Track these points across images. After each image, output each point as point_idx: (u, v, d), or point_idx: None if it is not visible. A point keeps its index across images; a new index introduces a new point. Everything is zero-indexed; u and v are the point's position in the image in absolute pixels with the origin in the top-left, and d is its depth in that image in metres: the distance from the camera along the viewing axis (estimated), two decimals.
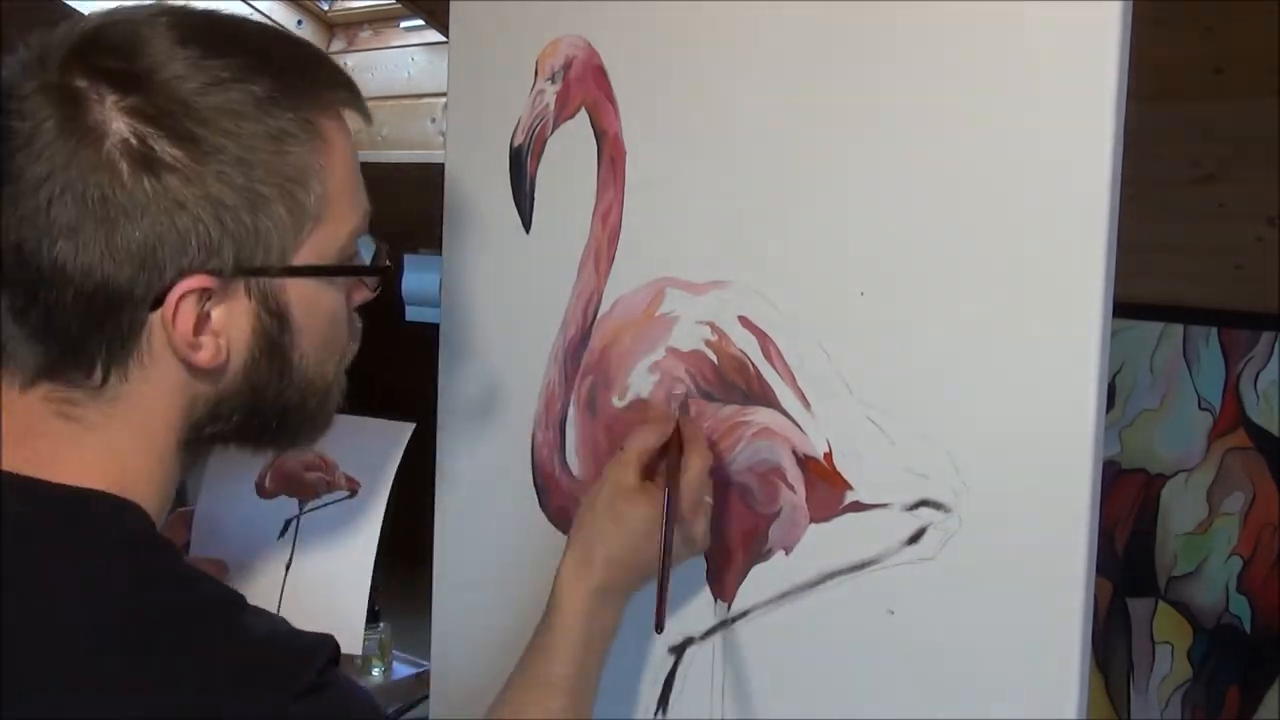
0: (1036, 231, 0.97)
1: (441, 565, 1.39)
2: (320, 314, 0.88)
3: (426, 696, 1.44)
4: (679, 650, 1.20)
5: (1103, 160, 0.93)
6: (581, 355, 1.24)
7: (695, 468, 1.07)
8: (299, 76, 0.83)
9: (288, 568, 1.11)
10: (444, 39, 2.36)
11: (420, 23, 2.67)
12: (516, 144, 1.28)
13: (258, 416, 0.88)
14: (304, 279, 0.85)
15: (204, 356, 0.82)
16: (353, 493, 1.14)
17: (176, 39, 0.79)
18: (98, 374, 0.82)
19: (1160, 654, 1.79)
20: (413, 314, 3.05)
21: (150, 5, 0.82)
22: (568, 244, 1.24)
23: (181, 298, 0.80)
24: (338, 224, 0.86)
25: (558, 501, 1.27)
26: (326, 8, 2.92)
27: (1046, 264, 0.97)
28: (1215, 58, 1.48)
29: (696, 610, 1.18)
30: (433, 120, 2.76)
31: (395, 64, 2.84)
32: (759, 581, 1.14)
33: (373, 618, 2.10)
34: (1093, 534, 0.96)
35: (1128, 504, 1.81)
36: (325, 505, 1.14)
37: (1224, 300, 1.70)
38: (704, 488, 1.08)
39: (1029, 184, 0.97)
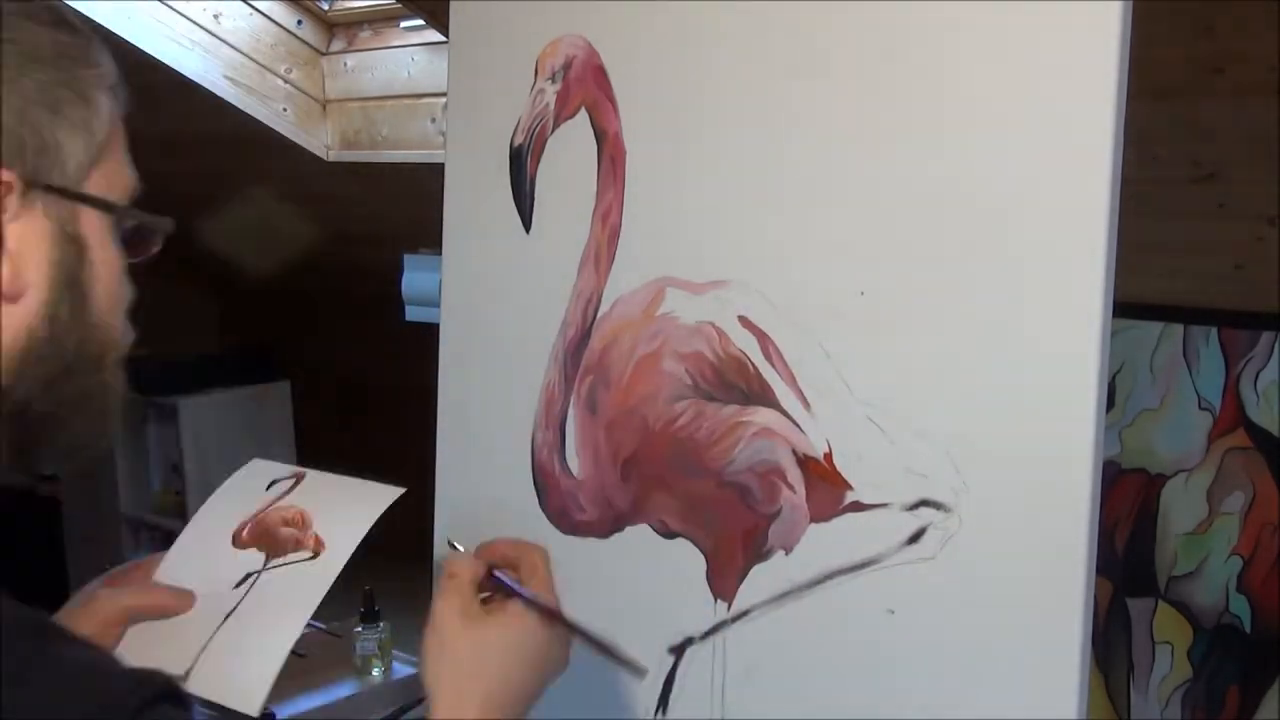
0: (1037, 232, 0.97)
1: (440, 566, 1.38)
2: (109, 259, 0.82)
3: (426, 696, 1.44)
4: (679, 650, 1.20)
5: (1103, 160, 0.93)
6: (582, 355, 1.24)
7: (537, 562, 1.00)
8: (85, 36, 0.83)
9: (225, 617, 1.08)
10: (444, 39, 2.36)
11: (420, 23, 2.67)
12: (516, 144, 1.28)
13: (60, 378, 0.80)
14: (97, 211, 0.80)
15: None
16: (315, 554, 1.11)
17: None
18: None
19: (1160, 654, 1.79)
20: (413, 314, 3.06)
21: None
22: (568, 244, 1.24)
23: None
24: (119, 169, 0.83)
25: (558, 501, 1.27)
26: (326, 8, 2.92)
27: (1046, 264, 0.97)
28: (1215, 58, 1.48)
29: (696, 610, 1.18)
30: (433, 120, 2.76)
31: (395, 64, 2.84)
32: (759, 581, 1.14)
33: (373, 618, 2.11)
34: (1093, 534, 0.96)
35: (1128, 504, 1.81)
36: (285, 564, 1.12)
37: (1224, 300, 1.70)
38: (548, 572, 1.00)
39: (1029, 184, 0.97)
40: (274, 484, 1.17)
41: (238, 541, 1.14)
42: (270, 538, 1.13)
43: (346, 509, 1.13)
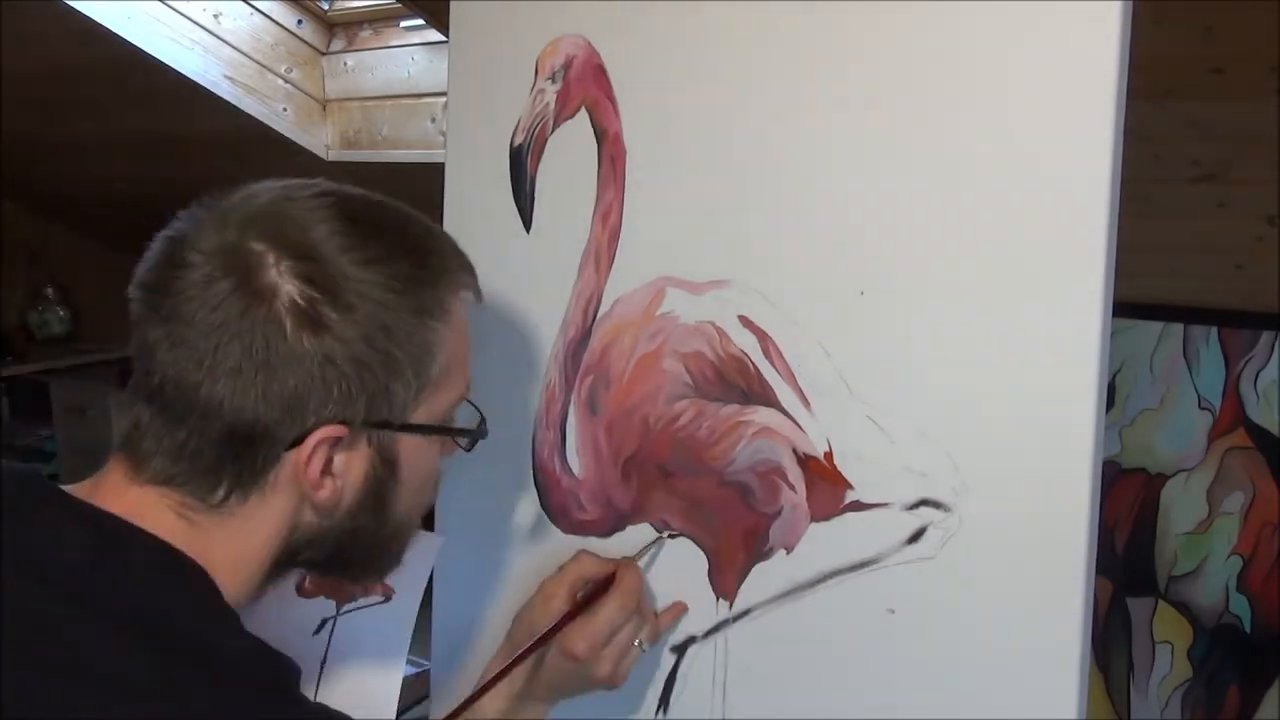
0: (1037, 231, 0.97)
1: (441, 565, 1.39)
2: (421, 468, 0.97)
3: (426, 696, 1.44)
4: (680, 649, 1.20)
5: (1103, 160, 0.93)
6: (582, 355, 1.24)
7: (608, 613, 1.12)
8: (438, 259, 0.94)
9: (323, 663, 1.18)
10: (444, 39, 2.36)
11: (420, 22, 2.66)
12: (516, 144, 1.28)
13: (348, 552, 0.97)
14: (416, 435, 0.94)
15: (323, 495, 0.91)
16: (386, 598, 1.22)
17: (340, 217, 0.90)
18: (220, 494, 0.90)
19: (1160, 654, 1.79)
20: None
21: (317, 183, 0.93)
22: (568, 244, 1.24)
23: (319, 442, 0.88)
24: (450, 390, 0.96)
25: (558, 501, 1.27)
26: (326, 7, 2.92)
27: (1046, 264, 0.97)
28: (1215, 58, 1.48)
29: (698, 610, 1.18)
30: (433, 120, 2.76)
31: (395, 64, 2.84)
32: (760, 581, 1.14)
33: None
34: (1093, 534, 0.96)
35: (1128, 504, 1.81)
36: (360, 608, 1.22)
37: (1224, 300, 1.70)
38: (617, 632, 1.13)
39: (1029, 184, 0.97)
40: None
41: (302, 591, 1.22)
42: (335, 585, 1.21)
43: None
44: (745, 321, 1.13)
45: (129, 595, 0.85)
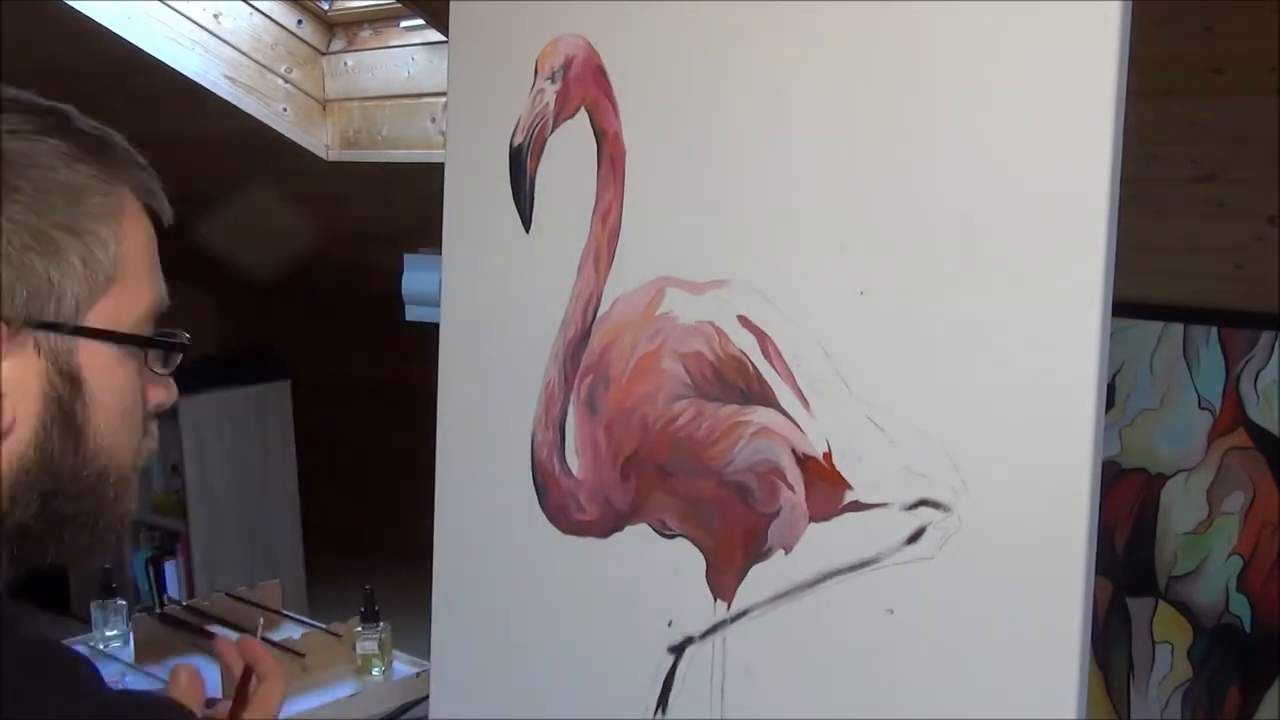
0: (1037, 231, 0.97)
1: (441, 565, 1.39)
2: (114, 387, 0.83)
3: (426, 696, 1.44)
4: (678, 650, 1.20)
5: (1103, 159, 0.93)
6: (581, 355, 1.24)
7: (268, 696, 1.02)
8: (101, 145, 0.83)
9: None
10: (444, 39, 2.36)
11: (420, 22, 2.67)
12: (516, 143, 1.28)
13: (57, 500, 0.82)
14: (98, 343, 0.81)
15: None
16: None
17: (12, 97, 0.80)
18: None
19: (1160, 654, 1.79)
20: (413, 314, 3.06)
21: None
22: (568, 244, 1.24)
23: None
24: (135, 293, 0.83)
25: (557, 501, 1.27)
26: (326, 7, 2.92)
27: (1046, 264, 0.97)
28: (1215, 58, 1.48)
29: (696, 610, 1.18)
30: (433, 120, 2.76)
31: (395, 64, 2.84)
32: (758, 581, 1.14)
33: (373, 618, 2.11)
34: (1092, 534, 0.96)
35: (1128, 504, 1.81)
36: None
37: (1224, 300, 1.70)
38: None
39: (1029, 184, 0.97)
40: None
41: None
42: None
43: None
44: (744, 321, 1.13)
45: None
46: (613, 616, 1.24)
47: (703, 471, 1.16)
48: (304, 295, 3.80)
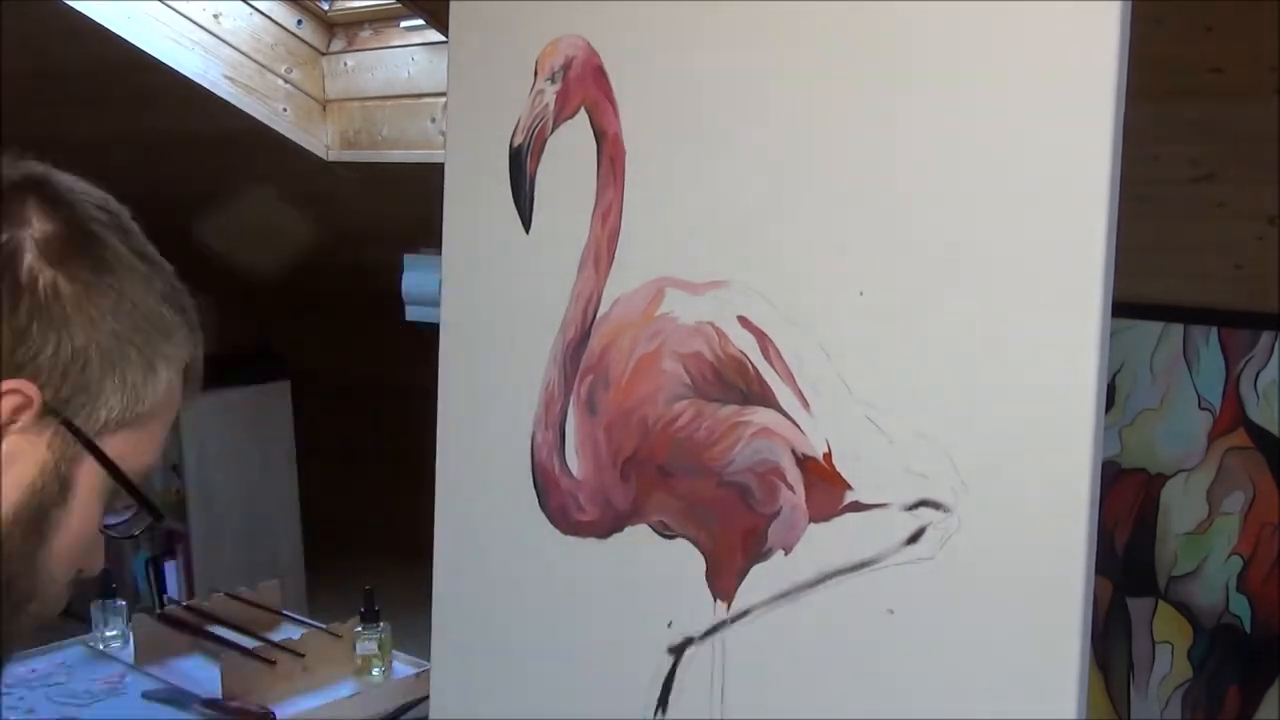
0: (1037, 231, 0.97)
1: (441, 565, 1.39)
2: (87, 516, 0.80)
3: (426, 696, 1.44)
4: (678, 650, 1.20)
5: (1102, 159, 0.93)
6: (581, 355, 1.24)
7: None
8: (183, 300, 0.84)
9: None
10: (444, 39, 2.36)
11: (420, 22, 2.67)
12: (516, 144, 1.28)
13: None
14: (99, 468, 0.79)
15: None
16: None
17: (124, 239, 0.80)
18: None
19: (1160, 654, 1.79)
20: (413, 314, 3.05)
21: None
22: (568, 244, 1.24)
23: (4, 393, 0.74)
24: (146, 443, 0.82)
25: (557, 501, 1.27)
26: (327, 7, 2.92)
27: (1046, 264, 0.97)
28: (1215, 58, 1.48)
29: (696, 610, 1.18)
30: (433, 120, 2.76)
31: (395, 64, 2.84)
32: (758, 581, 1.14)
33: (373, 618, 2.10)
34: (1092, 534, 0.96)
35: (1128, 504, 1.81)
36: None
37: (1224, 300, 1.70)
38: None
39: (1029, 184, 0.97)
40: None
41: None
42: None
43: None
44: (744, 322, 1.13)
45: None
46: (613, 617, 1.24)
47: (703, 472, 1.16)
48: (304, 295, 3.80)
